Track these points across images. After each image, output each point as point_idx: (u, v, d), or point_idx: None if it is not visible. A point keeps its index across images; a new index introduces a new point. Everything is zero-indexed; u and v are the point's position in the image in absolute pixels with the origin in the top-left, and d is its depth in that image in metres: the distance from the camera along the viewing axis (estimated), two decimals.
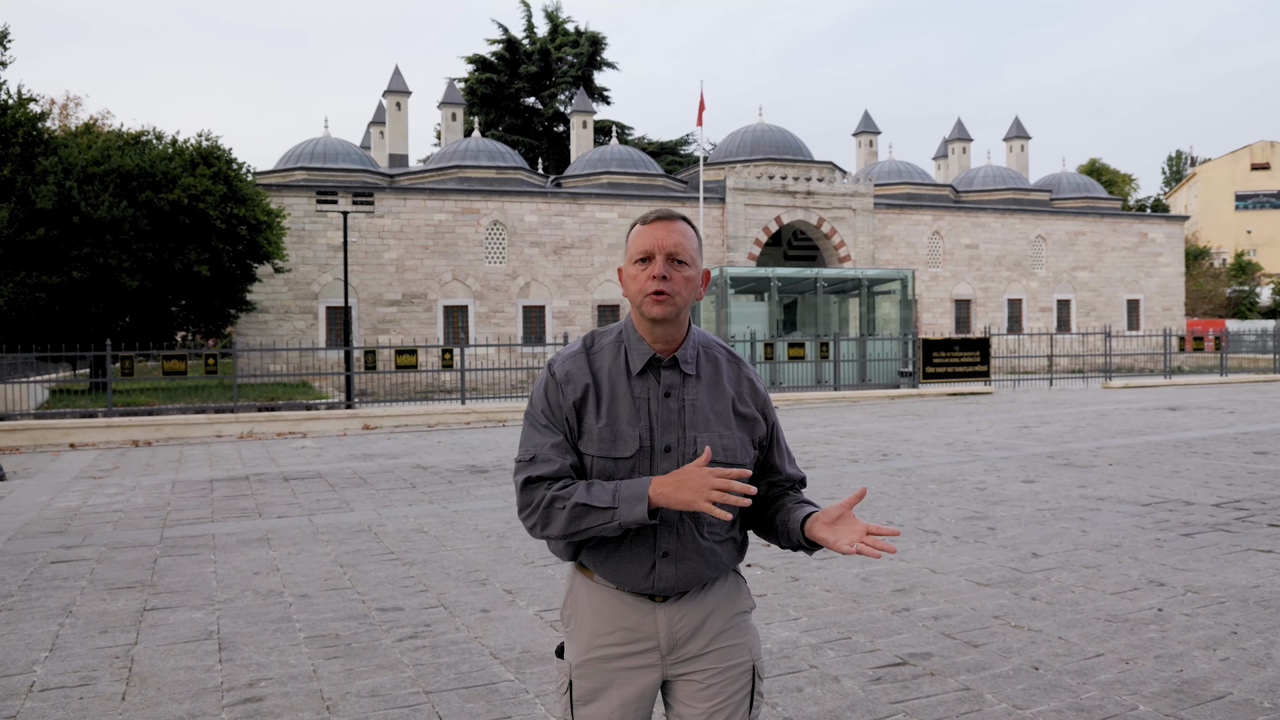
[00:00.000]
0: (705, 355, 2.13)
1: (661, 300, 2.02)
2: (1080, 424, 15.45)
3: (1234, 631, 4.69)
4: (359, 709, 3.90)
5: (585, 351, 2.12)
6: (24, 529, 8.00)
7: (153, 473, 11.55)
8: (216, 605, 5.51)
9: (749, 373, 2.18)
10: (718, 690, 2.09)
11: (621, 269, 2.12)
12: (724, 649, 2.10)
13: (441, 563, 6.48)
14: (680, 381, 2.08)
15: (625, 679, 2.09)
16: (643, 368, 2.07)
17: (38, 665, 4.50)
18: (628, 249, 2.09)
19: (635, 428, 2.04)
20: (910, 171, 44.28)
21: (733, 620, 2.14)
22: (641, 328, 2.09)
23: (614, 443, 2.03)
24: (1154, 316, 44.43)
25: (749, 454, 2.11)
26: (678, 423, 2.05)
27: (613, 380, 2.07)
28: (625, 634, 2.08)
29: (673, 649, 2.09)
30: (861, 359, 24.89)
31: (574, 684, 2.12)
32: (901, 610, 5.17)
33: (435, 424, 17.73)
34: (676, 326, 2.08)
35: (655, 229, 2.05)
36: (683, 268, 2.04)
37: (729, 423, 2.09)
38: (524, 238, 35.46)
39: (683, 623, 2.08)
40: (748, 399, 2.14)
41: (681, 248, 2.04)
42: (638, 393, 2.06)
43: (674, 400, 2.06)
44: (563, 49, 55.98)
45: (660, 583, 2.05)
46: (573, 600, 2.17)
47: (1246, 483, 9.21)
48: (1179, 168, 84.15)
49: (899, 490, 9.12)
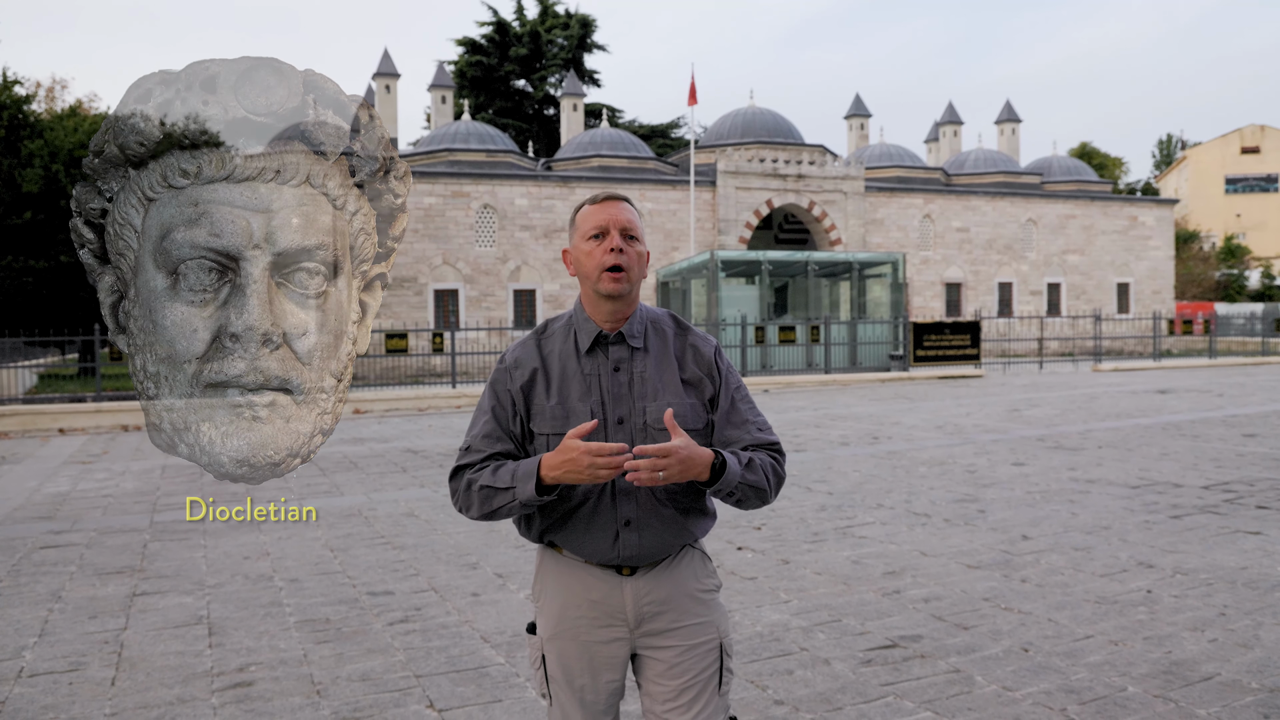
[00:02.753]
0: (653, 329, 2.20)
1: (618, 277, 2.08)
2: (1070, 407, 15.50)
3: (1222, 613, 4.72)
4: (350, 693, 3.89)
5: (536, 337, 2.21)
6: (12, 514, 7.97)
7: (142, 457, 11.51)
8: (206, 590, 5.49)
9: (694, 338, 2.22)
10: (686, 668, 2.13)
11: (567, 250, 2.19)
12: (691, 626, 2.14)
13: (432, 547, 6.47)
14: (629, 355, 2.15)
15: (595, 651, 2.14)
16: (591, 345, 2.13)
17: (27, 651, 4.48)
18: (577, 228, 2.14)
19: (586, 402, 2.11)
20: (901, 155, 44.22)
21: (699, 597, 2.17)
22: (591, 306, 2.15)
23: (566, 419, 2.11)
24: (1144, 300, 44.56)
25: (700, 418, 2.16)
26: (628, 395, 2.12)
27: (563, 361, 2.15)
28: (592, 607, 2.13)
29: (640, 623, 2.13)
30: (852, 342, 24.91)
31: (546, 658, 2.17)
32: (892, 593, 5.18)
33: (426, 408, 17.70)
34: (628, 304, 2.14)
35: (607, 207, 2.12)
36: (634, 243, 2.12)
37: (677, 390, 2.14)
38: (514, 221, 35.35)
39: (649, 597, 2.13)
40: (691, 364, 2.18)
41: (633, 224, 2.12)
42: (587, 370, 2.13)
43: (623, 374, 2.13)
44: (553, 31, 55.67)
45: (625, 551, 2.09)
46: (542, 576, 2.22)
47: (1235, 465, 9.26)
48: (1169, 151, 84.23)
49: (889, 473, 9.14)
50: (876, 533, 6.61)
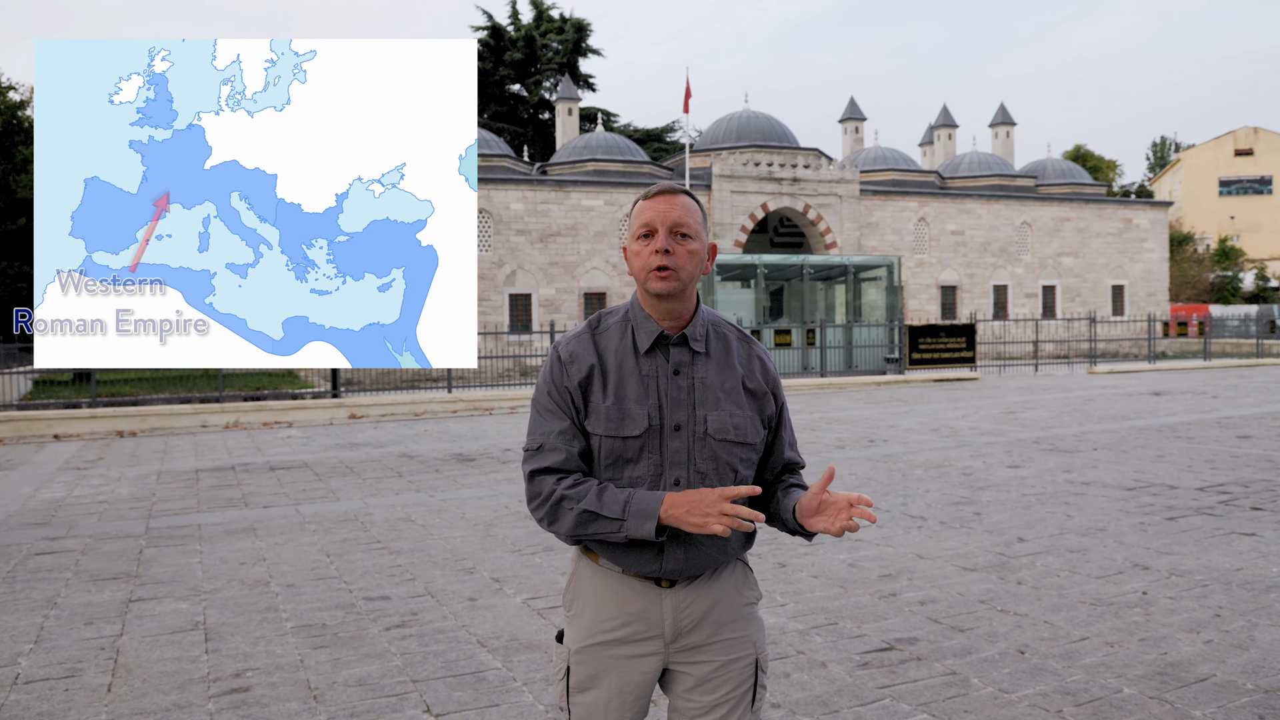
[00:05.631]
0: (715, 333, 2.09)
1: (665, 276, 1.97)
2: (1065, 409, 15.52)
3: (1217, 614, 4.73)
4: (346, 698, 3.89)
5: (591, 331, 2.08)
6: (7, 521, 7.95)
7: (138, 463, 11.49)
8: (202, 596, 5.48)
9: (759, 351, 2.14)
10: (719, 684, 2.05)
11: (626, 247, 2.07)
12: (728, 641, 2.06)
13: (429, 551, 6.47)
14: (690, 359, 2.04)
15: (625, 666, 2.04)
16: (650, 345, 2.02)
17: (22, 657, 4.47)
18: (630, 225, 2.05)
19: (644, 406, 1.99)
20: (896, 158, 44.31)
21: (739, 611, 2.09)
22: (647, 305, 2.04)
23: (621, 421, 1.99)
24: (1138, 302, 44.65)
25: (759, 432, 2.07)
26: (687, 400, 2.01)
27: (620, 359, 2.03)
28: (629, 619, 2.03)
29: (677, 636, 2.04)
30: (848, 345, 24.93)
31: (572, 670, 2.07)
32: (888, 596, 5.19)
33: (422, 413, 17.68)
34: (683, 302, 2.03)
35: (657, 203, 2.01)
36: (686, 241, 2.00)
37: (739, 400, 2.05)
38: (510, 225, 35.35)
39: (688, 610, 2.04)
40: (758, 376, 2.10)
41: (684, 221, 1.99)
42: (646, 371, 2.02)
43: (683, 378, 2.02)
44: (548, 36, 55.72)
45: (669, 565, 2.00)
46: (576, 584, 2.11)
47: (1230, 467, 9.28)
48: (1163, 154, 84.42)
49: (885, 476, 9.15)
50: (872, 535, 6.62)
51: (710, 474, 2.01)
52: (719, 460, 2.02)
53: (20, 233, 22.29)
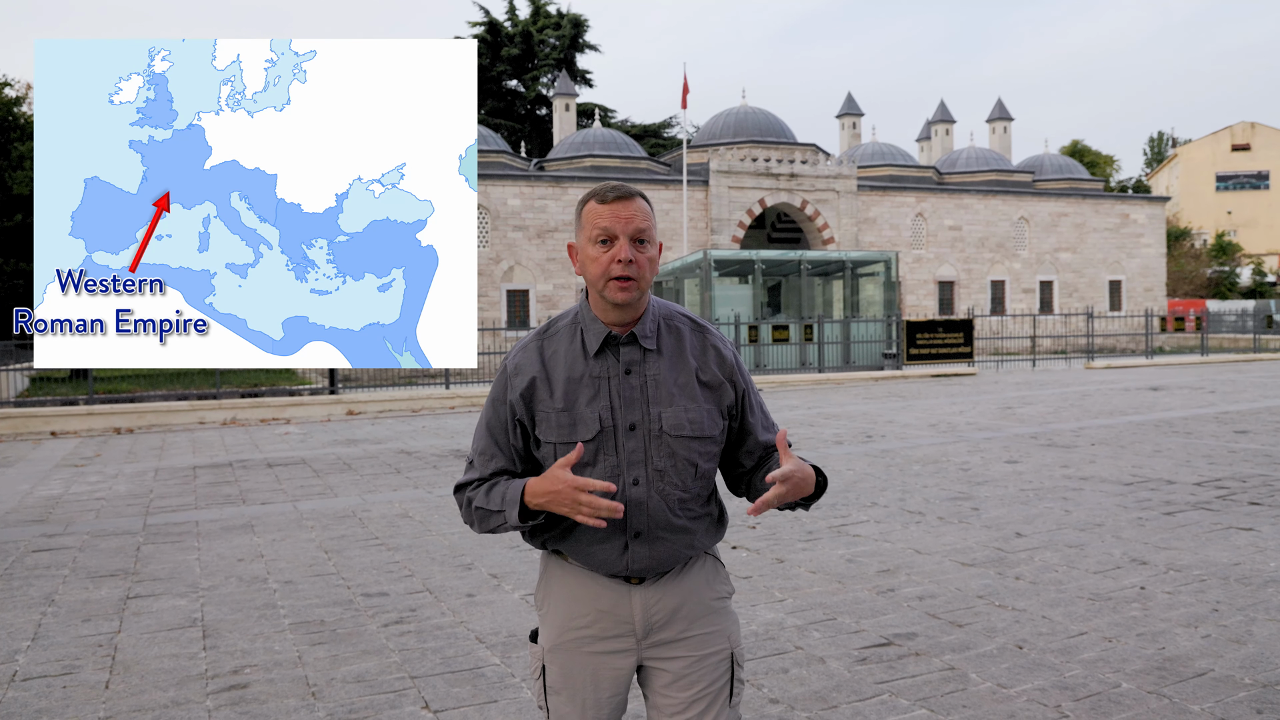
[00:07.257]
0: (666, 326, 2.07)
1: (627, 286, 1.96)
2: (1063, 404, 15.54)
3: (1215, 609, 4.74)
4: (344, 695, 3.89)
5: (539, 339, 2.07)
6: (4, 518, 7.94)
7: (135, 460, 11.48)
8: (200, 592, 5.48)
9: (714, 339, 2.10)
10: (696, 679, 2.04)
11: (572, 245, 2.05)
12: (701, 636, 2.06)
13: (426, 548, 6.47)
14: (640, 357, 2.02)
15: (599, 664, 2.04)
16: (600, 346, 2.01)
17: (20, 655, 4.47)
18: (583, 227, 2.00)
19: (595, 409, 1.99)
20: (893, 153, 44.29)
21: (710, 605, 2.09)
22: (599, 308, 2.03)
23: (573, 427, 1.99)
24: (1136, 297, 44.70)
25: (717, 424, 2.05)
26: (640, 399, 2.00)
27: (569, 362, 2.02)
28: (599, 616, 2.04)
29: (648, 633, 2.04)
30: (845, 341, 24.95)
31: (546, 669, 2.08)
32: (886, 591, 5.19)
33: (419, 409, 17.68)
34: (639, 305, 2.03)
35: (616, 209, 1.97)
36: (645, 248, 1.98)
37: (694, 395, 2.03)
38: (507, 221, 35.33)
39: (659, 605, 2.04)
40: (713, 368, 2.07)
41: (643, 228, 1.97)
42: (596, 372, 2.01)
43: (635, 377, 2.01)
44: (545, 31, 55.65)
45: (635, 564, 2.00)
46: (546, 583, 2.13)
47: (1227, 462, 9.29)
48: (1160, 149, 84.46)
49: (883, 471, 9.16)
50: (870, 531, 6.62)
51: (669, 470, 2.00)
52: (677, 456, 2.00)
53: (17, 229, 22.25)
